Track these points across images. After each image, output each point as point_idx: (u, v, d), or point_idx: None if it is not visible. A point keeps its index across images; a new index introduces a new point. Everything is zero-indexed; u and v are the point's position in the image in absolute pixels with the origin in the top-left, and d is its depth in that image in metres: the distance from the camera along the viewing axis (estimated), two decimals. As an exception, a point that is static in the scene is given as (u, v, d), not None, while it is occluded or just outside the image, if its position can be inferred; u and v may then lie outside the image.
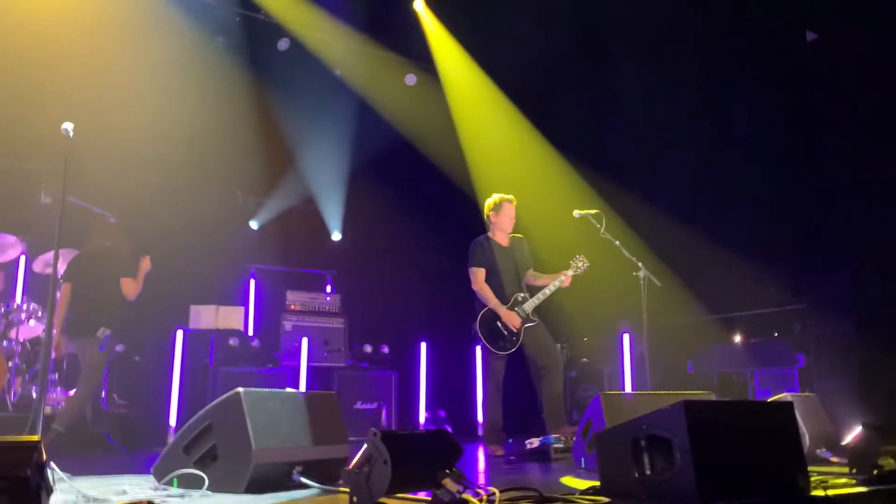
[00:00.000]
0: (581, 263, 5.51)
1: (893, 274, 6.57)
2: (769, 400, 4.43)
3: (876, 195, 6.80)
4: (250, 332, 7.58)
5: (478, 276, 5.45)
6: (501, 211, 5.61)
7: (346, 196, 8.88)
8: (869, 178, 6.90)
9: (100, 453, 5.59)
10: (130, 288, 5.87)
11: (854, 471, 3.61)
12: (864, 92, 6.93)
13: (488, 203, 5.70)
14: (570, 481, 3.60)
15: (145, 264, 5.98)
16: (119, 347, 6.60)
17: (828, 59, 7.30)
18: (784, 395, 4.64)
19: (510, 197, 5.67)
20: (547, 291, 5.46)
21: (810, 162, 7.42)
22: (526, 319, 5.40)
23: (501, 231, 5.64)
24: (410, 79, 8.76)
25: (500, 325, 5.34)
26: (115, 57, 6.79)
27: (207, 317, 7.02)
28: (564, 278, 5.47)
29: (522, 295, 5.49)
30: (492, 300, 5.38)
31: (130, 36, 6.84)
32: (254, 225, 8.64)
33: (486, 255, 5.51)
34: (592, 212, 5.54)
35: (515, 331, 5.33)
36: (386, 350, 7.69)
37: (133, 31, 6.83)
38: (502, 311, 5.36)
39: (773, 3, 7.38)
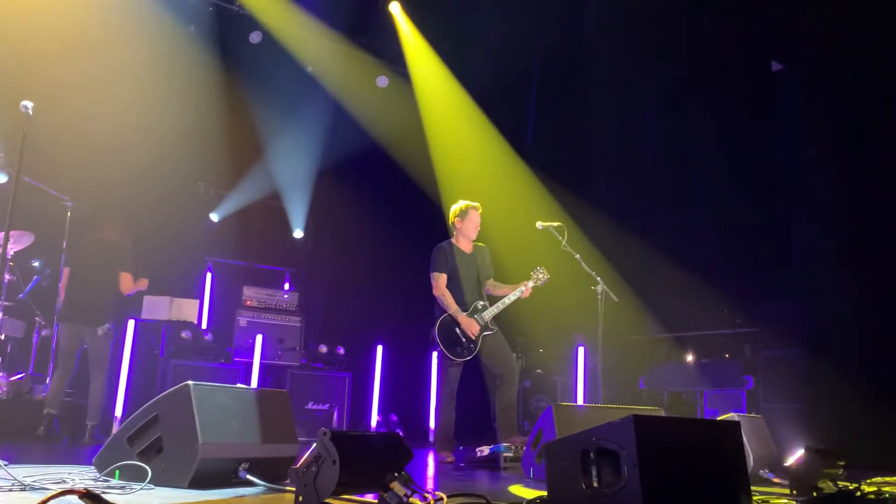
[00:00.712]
0: (542, 275, 5.54)
1: (841, 302, 6.75)
2: (717, 419, 4.50)
3: (826, 225, 6.98)
4: (204, 326, 7.47)
5: (439, 281, 5.45)
6: (467, 217, 5.61)
7: (312, 194, 8.81)
8: (819, 209, 7.09)
9: (44, 437, 5.49)
10: (128, 284, 6.06)
11: (794, 493, 3.69)
12: (819, 125, 7.12)
13: (454, 209, 5.69)
14: (518, 490, 3.61)
15: (142, 284, 6.19)
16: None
17: (787, 91, 7.49)
18: (731, 416, 4.71)
19: (476, 204, 5.67)
20: (507, 301, 5.47)
21: (767, 191, 7.60)
22: (484, 327, 5.41)
23: (465, 238, 5.64)
24: (382, 80, 8.74)
25: (458, 331, 5.34)
26: (79, 38, 6.64)
27: (161, 308, 6.90)
28: (525, 289, 5.49)
29: (482, 303, 5.50)
30: (452, 306, 5.37)
31: (96, 17, 6.69)
32: (214, 217, 8.51)
33: (449, 261, 5.51)
34: (555, 224, 5.57)
35: (473, 338, 5.34)
36: (341, 351, 7.64)
37: (100, 11, 6.69)
38: (461, 317, 5.36)
39: (732, 33, 7.56)
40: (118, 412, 6.30)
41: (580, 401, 7.48)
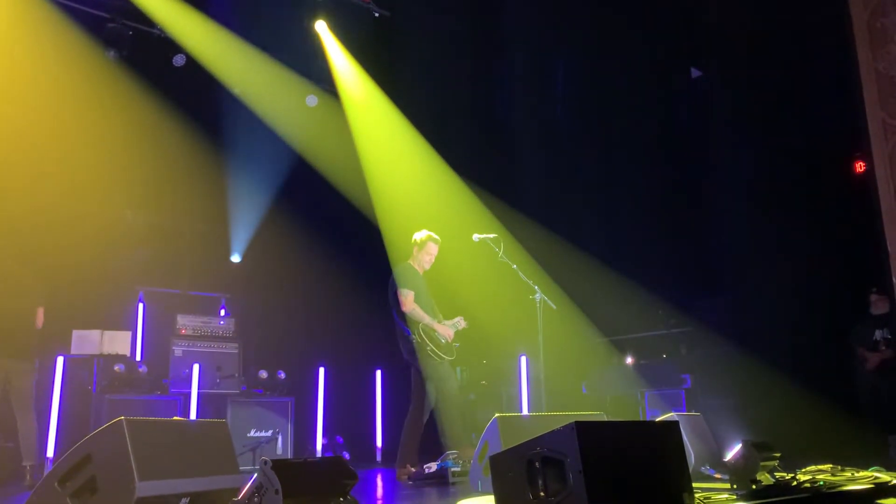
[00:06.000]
0: (461, 324, 5.77)
1: (766, 297, 6.99)
2: (657, 420, 4.59)
3: (748, 224, 7.24)
4: (138, 358, 7.23)
5: (410, 297, 5.54)
6: (424, 249, 5.75)
7: (254, 218, 8.63)
8: (741, 208, 7.34)
9: None
10: (41, 318, 5.69)
11: (734, 486, 3.78)
12: (747, 129, 7.39)
13: (416, 237, 5.81)
14: (466, 505, 3.60)
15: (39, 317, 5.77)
16: None
17: (710, 93, 7.75)
18: (671, 415, 4.81)
19: (437, 238, 5.78)
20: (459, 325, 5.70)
21: (694, 195, 7.84)
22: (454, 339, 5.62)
23: (420, 265, 5.76)
24: (312, 100, 8.64)
25: (437, 335, 5.53)
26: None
27: (91, 342, 6.66)
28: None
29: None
30: (426, 317, 5.50)
31: (14, 42, 6.46)
32: (145, 246, 8.24)
33: (415, 280, 5.62)
34: (491, 236, 5.63)
35: (450, 340, 5.57)
36: (282, 375, 7.48)
37: (17, 37, 6.46)
38: (437, 325, 5.53)
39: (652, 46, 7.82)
40: (49, 453, 6.04)
41: (525, 410, 7.51)
